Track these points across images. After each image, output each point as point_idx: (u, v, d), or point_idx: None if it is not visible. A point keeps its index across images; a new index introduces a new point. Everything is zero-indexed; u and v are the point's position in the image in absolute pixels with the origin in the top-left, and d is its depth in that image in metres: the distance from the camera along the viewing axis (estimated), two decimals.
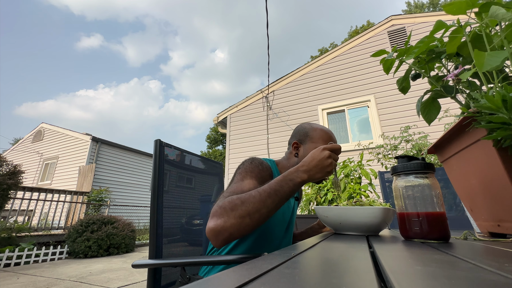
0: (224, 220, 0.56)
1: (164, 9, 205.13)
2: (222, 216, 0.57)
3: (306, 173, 0.64)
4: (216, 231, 0.56)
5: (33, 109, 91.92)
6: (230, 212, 0.57)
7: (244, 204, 0.58)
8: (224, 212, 0.57)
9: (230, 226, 0.56)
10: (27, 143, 11.30)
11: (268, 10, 3.50)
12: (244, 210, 0.57)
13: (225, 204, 0.58)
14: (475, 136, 0.48)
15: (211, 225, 0.57)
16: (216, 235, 0.56)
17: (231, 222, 0.56)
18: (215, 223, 0.56)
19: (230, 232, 0.57)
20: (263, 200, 0.59)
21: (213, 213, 0.59)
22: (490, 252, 0.36)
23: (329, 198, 2.54)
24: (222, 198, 0.63)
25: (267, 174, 0.77)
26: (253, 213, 0.57)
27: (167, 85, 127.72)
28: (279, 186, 0.61)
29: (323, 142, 0.85)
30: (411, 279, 0.20)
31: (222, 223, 0.56)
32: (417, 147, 2.65)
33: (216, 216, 0.57)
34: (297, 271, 0.23)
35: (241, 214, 0.57)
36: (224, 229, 0.56)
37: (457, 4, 0.46)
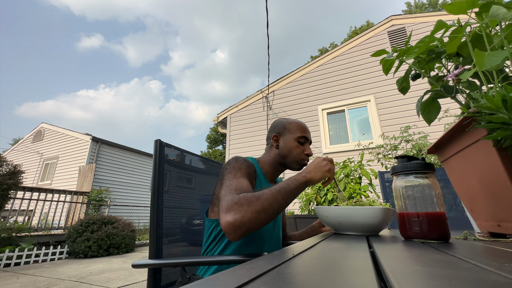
0: (242, 215, 0.60)
1: (164, 9, 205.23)
2: (240, 211, 0.61)
3: (308, 173, 0.75)
4: (235, 225, 0.60)
5: (33, 109, 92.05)
6: (247, 207, 0.61)
7: (259, 200, 0.63)
8: (241, 207, 0.61)
9: (248, 220, 0.61)
10: (27, 143, 11.30)
11: (269, 11, 3.50)
12: (260, 205, 0.62)
13: (241, 200, 0.63)
14: (475, 136, 0.48)
15: (229, 219, 0.60)
16: (235, 228, 0.60)
17: (249, 217, 0.61)
18: (234, 217, 0.60)
19: (248, 226, 0.61)
20: (275, 197, 0.65)
21: (229, 208, 0.62)
22: (490, 252, 0.36)
23: (329, 198, 2.54)
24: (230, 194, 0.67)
25: (252, 170, 0.83)
26: (267, 208, 0.63)
27: (168, 85, 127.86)
28: (286, 185, 0.69)
29: (300, 132, 0.93)
30: (411, 279, 0.20)
31: (240, 218, 0.60)
32: (417, 147, 2.65)
33: (234, 211, 0.61)
34: (297, 271, 0.23)
35: (257, 209, 0.62)
36: (243, 223, 0.60)
37: (458, 4, 0.46)
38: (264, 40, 4.40)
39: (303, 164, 0.93)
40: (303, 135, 0.93)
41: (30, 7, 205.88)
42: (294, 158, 0.92)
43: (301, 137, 0.93)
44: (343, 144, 5.32)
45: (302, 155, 0.93)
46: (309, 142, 0.96)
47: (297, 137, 0.92)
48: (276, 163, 0.94)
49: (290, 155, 0.92)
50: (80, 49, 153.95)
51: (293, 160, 0.92)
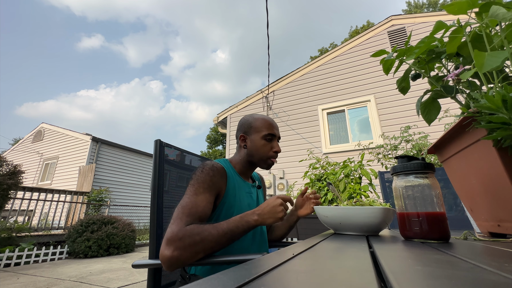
0: (180, 253, 0.63)
1: (165, 9, 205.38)
2: (179, 249, 0.63)
3: (260, 216, 0.72)
4: (171, 261, 0.63)
5: (33, 109, 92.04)
6: (188, 247, 0.63)
7: (202, 242, 0.64)
8: (182, 246, 0.63)
9: (185, 259, 0.64)
10: (27, 143, 11.30)
11: (269, 11, 3.50)
12: (201, 247, 0.64)
13: (184, 237, 0.64)
14: (475, 136, 0.48)
15: (167, 254, 0.62)
16: (170, 264, 0.63)
17: (186, 256, 0.63)
18: (172, 254, 0.62)
19: (183, 262, 0.64)
20: (219, 240, 0.66)
21: (170, 241, 0.63)
22: (490, 252, 0.36)
23: (329, 198, 2.54)
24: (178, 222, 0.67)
25: (219, 176, 0.81)
26: (207, 250, 0.65)
27: (168, 86, 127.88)
28: (235, 227, 0.69)
29: (267, 129, 0.92)
30: (411, 279, 0.20)
31: (178, 255, 0.63)
32: (417, 147, 2.65)
33: (174, 247, 0.63)
34: (297, 271, 0.23)
35: (197, 251, 0.64)
36: (179, 260, 0.63)
37: (458, 4, 0.46)
38: (264, 40, 4.40)
39: (271, 163, 0.92)
40: (270, 132, 0.91)
41: (30, 7, 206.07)
42: (261, 157, 0.91)
43: (267, 134, 0.91)
44: (343, 144, 5.32)
45: (270, 152, 0.91)
46: (277, 138, 0.94)
47: (263, 135, 0.90)
48: (246, 162, 0.93)
49: (258, 154, 0.91)
50: (81, 49, 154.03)
51: (261, 159, 0.91)
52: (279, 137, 0.96)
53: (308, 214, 0.97)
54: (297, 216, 1.00)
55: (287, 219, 1.05)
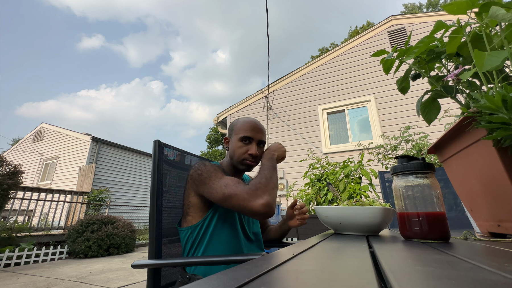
0: (269, 193, 0.74)
1: (165, 9, 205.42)
2: (264, 193, 0.73)
3: (275, 152, 0.92)
4: (268, 205, 0.72)
5: (34, 109, 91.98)
6: (266, 189, 0.74)
7: (269, 181, 0.77)
8: (263, 190, 0.74)
9: (273, 197, 0.75)
10: (27, 143, 11.29)
11: (270, 11, 3.50)
12: (273, 184, 0.77)
13: (257, 185, 0.75)
14: (475, 136, 0.48)
15: (263, 202, 0.71)
16: (270, 206, 0.72)
17: (272, 194, 0.75)
18: (265, 199, 0.72)
19: (275, 202, 0.75)
20: (273, 175, 0.81)
21: (253, 194, 0.72)
22: (490, 252, 0.36)
23: (329, 198, 2.54)
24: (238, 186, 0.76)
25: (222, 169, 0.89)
26: (276, 184, 0.79)
27: (169, 86, 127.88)
28: (270, 164, 0.85)
29: (244, 132, 0.92)
30: (411, 279, 0.20)
31: (269, 197, 0.73)
32: (417, 147, 2.65)
33: (259, 195, 0.72)
34: (297, 271, 0.23)
35: (272, 187, 0.76)
36: (272, 200, 0.73)
37: (458, 4, 0.46)
38: (264, 40, 4.40)
39: (247, 164, 0.90)
40: (246, 135, 0.90)
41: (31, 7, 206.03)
42: (237, 159, 0.90)
43: (244, 137, 0.90)
44: (343, 144, 5.32)
45: (245, 155, 0.89)
46: (255, 141, 0.91)
47: (240, 137, 0.90)
48: (230, 165, 0.95)
49: (235, 156, 0.91)
50: (81, 49, 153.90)
51: (237, 161, 0.91)
52: (262, 141, 0.94)
53: (298, 226, 1.01)
54: (288, 226, 1.03)
55: (280, 227, 1.07)
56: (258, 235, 0.97)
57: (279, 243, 1.10)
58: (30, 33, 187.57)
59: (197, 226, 0.84)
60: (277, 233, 1.07)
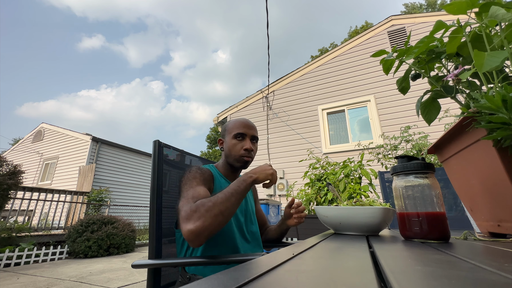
0: (203, 221, 0.64)
1: (166, 9, 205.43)
2: (199, 218, 0.64)
3: (254, 174, 0.78)
4: (197, 232, 0.63)
5: (34, 109, 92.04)
6: (206, 213, 0.65)
7: (215, 205, 0.67)
8: (200, 215, 0.65)
9: (209, 225, 0.64)
10: (27, 143, 11.29)
11: (270, 12, 3.51)
12: (217, 209, 0.66)
13: (198, 208, 0.66)
14: (475, 136, 0.48)
15: (191, 227, 0.63)
16: (198, 234, 0.63)
17: (209, 222, 0.64)
18: (195, 225, 0.63)
19: (209, 230, 0.64)
20: (229, 199, 0.69)
21: (188, 217, 0.65)
22: (490, 252, 0.36)
23: (329, 198, 2.54)
24: (187, 204, 0.69)
25: (208, 175, 0.86)
26: (224, 211, 0.67)
27: (169, 86, 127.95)
28: (236, 187, 0.73)
29: (236, 129, 0.93)
30: (411, 279, 0.20)
31: (201, 224, 0.63)
32: (417, 147, 2.65)
33: (193, 219, 0.64)
34: (297, 271, 0.23)
35: (215, 214, 0.66)
36: (204, 228, 0.63)
37: (457, 4, 0.46)
38: (265, 41, 4.40)
39: (244, 160, 0.92)
40: (239, 132, 0.92)
41: (31, 7, 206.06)
42: (234, 156, 0.92)
43: (237, 134, 0.92)
44: (343, 144, 5.32)
45: (241, 151, 0.91)
46: (248, 137, 0.93)
47: (234, 135, 0.93)
48: (226, 164, 0.96)
49: (231, 154, 0.93)
50: (81, 49, 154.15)
51: (234, 159, 0.92)
52: (255, 137, 0.96)
53: (296, 225, 1.00)
54: (287, 225, 1.03)
55: (279, 226, 1.07)
56: (256, 234, 0.97)
57: (279, 243, 1.10)
58: (31, 33, 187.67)
59: None
60: (276, 233, 1.07)
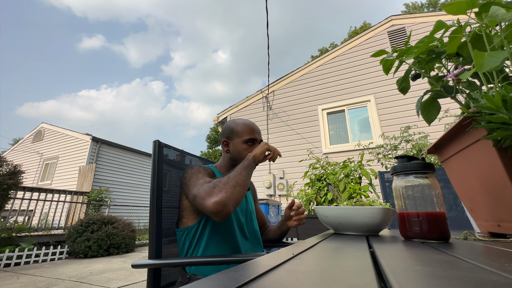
0: (225, 191, 0.67)
1: (166, 9, 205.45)
2: (221, 191, 0.68)
3: (251, 153, 0.86)
4: (223, 202, 0.66)
5: (34, 109, 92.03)
6: (225, 186, 0.69)
7: (230, 179, 0.72)
8: (220, 188, 0.68)
9: (232, 194, 0.68)
10: (27, 143, 11.29)
11: (270, 12, 3.51)
12: (234, 181, 0.71)
13: (216, 184, 0.70)
14: (475, 136, 0.48)
15: (216, 199, 0.66)
16: (224, 204, 0.66)
17: (230, 192, 0.68)
18: (219, 196, 0.66)
19: (233, 200, 0.68)
20: (240, 173, 0.75)
21: (209, 193, 0.68)
22: (490, 252, 0.36)
23: (329, 198, 2.54)
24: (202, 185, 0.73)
25: (210, 171, 0.89)
26: (240, 182, 0.72)
27: (169, 86, 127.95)
28: (242, 164, 0.80)
29: (248, 134, 0.96)
30: (411, 279, 0.20)
31: (224, 195, 0.67)
32: (417, 147, 2.65)
33: (215, 193, 0.67)
34: (297, 271, 0.23)
35: (233, 185, 0.70)
36: (228, 198, 0.67)
37: (457, 4, 0.46)
38: (265, 41, 4.40)
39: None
40: (251, 137, 0.95)
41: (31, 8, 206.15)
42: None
43: (248, 139, 0.94)
44: (343, 144, 5.32)
45: None
46: (258, 142, 0.97)
47: (245, 140, 0.94)
48: (230, 166, 0.96)
49: (241, 158, 0.93)
50: (81, 49, 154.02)
51: None
52: (261, 141, 0.99)
53: (296, 226, 1.00)
54: (287, 226, 1.03)
55: (279, 227, 1.07)
56: (257, 234, 0.97)
57: (279, 243, 1.10)
58: (31, 34, 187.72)
59: (193, 228, 0.84)
60: (277, 233, 1.08)
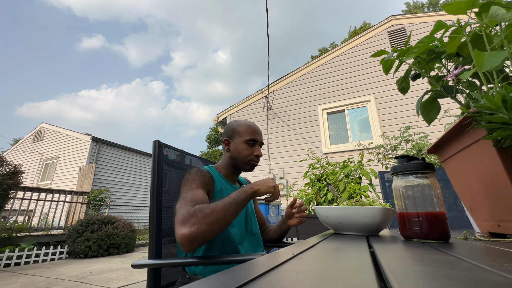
0: (198, 227, 0.63)
1: (166, 9, 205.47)
2: (195, 224, 0.64)
3: (255, 186, 0.79)
4: (191, 237, 0.63)
5: (34, 109, 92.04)
6: (202, 220, 0.65)
7: (213, 212, 0.67)
8: (196, 220, 0.64)
9: (203, 232, 0.64)
10: (27, 143, 11.29)
11: (270, 12, 3.51)
12: (214, 217, 0.66)
13: (196, 212, 0.66)
14: (475, 136, 0.48)
15: (185, 232, 0.63)
16: (191, 241, 0.63)
17: (204, 228, 0.64)
18: (189, 230, 0.63)
19: (203, 237, 0.64)
20: (227, 208, 0.69)
21: (184, 221, 0.64)
22: (490, 252, 0.36)
23: (329, 198, 2.54)
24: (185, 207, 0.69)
25: (208, 177, 0.86)
26: (220, 219, 0.67)
27: (170, 86, 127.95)
28: (236, 196, 0.74)
29: (249, 135, 0.95)
30: (411, 279, 0.20)
31: (196, 230, 0.63)
32: (417, 147, 2.65)
33: (189, 223, 0.64)
34: (297, 271, 0.23)
35: (211, 221, 0.65)
36: (198, 235, 0.63)
37: (457, 4, 0.46)
38: (265, 41, 4.40)
39: (253, 164, 0.96)
40: (252, 138, 0.95)
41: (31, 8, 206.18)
42: (243, 160, 0.95)
43: (249, 139, 0.95)
44: (343, 144, 5.32)
45: (251, 156, 0.95)
46: (259, 143, 0.98)
47: (246, 140, 0.95)
48: (230, 166, 0.97)
49: (240, 157, 0.94)
50: (82, 49, 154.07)
51: (243, 162, 0.95)
52: (262, 143, 1.00)
53: (297, 225, 1.00)
54: (287, 225, 1.03)
55: (280, 227, 1.07)
56: (256, 234, 0.97)
57: (279, 243, 1.10)
58: (31, 34, 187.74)
59: None
60: (277, 233, 1.08)
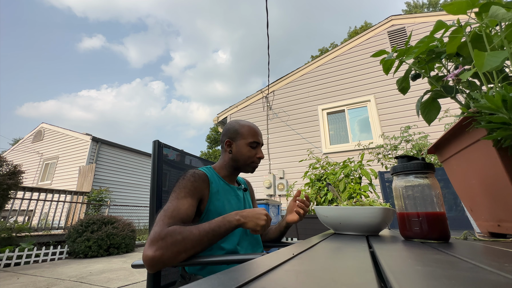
0: (163, 253, 0.62)
1: (166, 9, 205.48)
2: (161, 248, 0.62)
3: (243, 218, 0.73)
4: (153, 261, 0.61)
5: (34, 109, 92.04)
6: (170, 246, 0.63)
7: (184, 241, 0.64)
8: (164, 245, 0.62)
9: (167, 259, 0.62)
10: (27, 143, 11.29)
11: (270, 12, 3.51)
12: (183, 246, 0.64)
13: (166, 237, 0.63)
14: (475, 136, 0.48)
15: (149, 254, 0.61)
16: (152, 264, 0.62)
17: (168, 256, 0.62)
18: (154, 254, 0.61)
19: (165, 264, 0.63)
20: (200, 239, 0.66)
21: (152, 241, 0.63)
22: (490, 252, 0.36)
23: (329, 198, 2.54)
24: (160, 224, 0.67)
25: (201, 182, 0.83)
26: (189, 250, 0.65)
27: (170, 86, 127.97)
28: (217, 227, 0.70)
29: (252, 137, 0.95)
30: (411, 279, 0.20)
31: (160, 255, 0.61)
32: (417, 147, 2.65)
33: (156, 246, 0.62)
34: (297, 271, 0.23)
35: (179, 250, 0.63)
36: (160, 261, 0.62)
37: (457, 4, 0.46)
38: (265, 41, 4.40)
39: (254, 166, 0.97)
40: (255, 140, 0.96)
41: (31, 8, 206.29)
42: (246, 162, 0.95)
43: (253, 142, 0.95)
44: (343, 144, 5.32)
45: (254, 158, 0.96)
46: (261, 145, 0.99)
47: (249, 142, 0.95)
48: (231, 167, 0.97)
49: (243, 159, 0.94)
50: (82, 49, 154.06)
51: (245, 164, 0.95)
52: (262, 144, 1.02)
53: (295, 221, 0.98)
54: (286, 223, 1.02)
55: (279, 224, 1.07)
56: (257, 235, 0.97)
57: (279, 242, 1.10)
58: (31, 34, 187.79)
59: None
60: (276, 232, 1.08)
